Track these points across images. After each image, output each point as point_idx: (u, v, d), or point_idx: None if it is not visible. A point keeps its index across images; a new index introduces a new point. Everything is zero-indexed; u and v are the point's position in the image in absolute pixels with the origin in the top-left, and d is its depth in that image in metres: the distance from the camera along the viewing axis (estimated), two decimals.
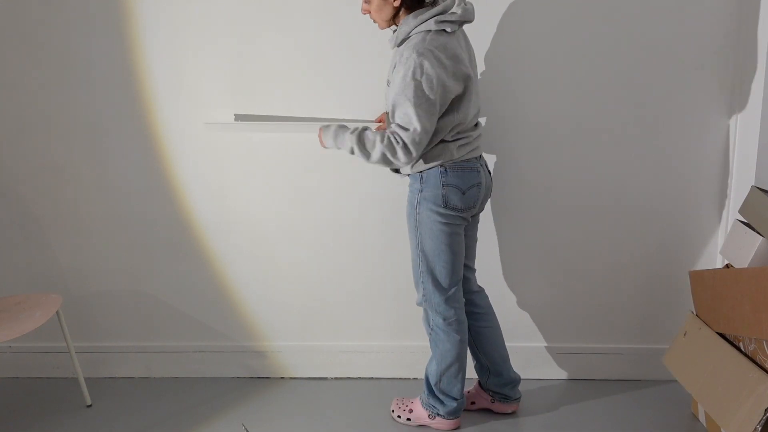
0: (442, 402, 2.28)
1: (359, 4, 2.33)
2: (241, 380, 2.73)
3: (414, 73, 1.91)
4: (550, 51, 2.37)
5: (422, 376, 2.60)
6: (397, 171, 2.18)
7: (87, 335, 2.75)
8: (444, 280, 2.15)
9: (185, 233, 2.62)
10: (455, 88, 1.96)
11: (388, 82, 2.08)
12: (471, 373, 2.41)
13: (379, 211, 2.55)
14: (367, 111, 2.42)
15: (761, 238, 2.00)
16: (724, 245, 2.18)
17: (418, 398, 2.37)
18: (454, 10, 1.98)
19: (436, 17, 1.95)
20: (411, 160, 1.97)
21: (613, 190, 2.48)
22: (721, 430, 2.11)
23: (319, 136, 2.13)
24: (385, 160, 1.98)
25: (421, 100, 1.90)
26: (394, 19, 2.02)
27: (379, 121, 2.38)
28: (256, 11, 2.40)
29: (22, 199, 2.64)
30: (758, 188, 2.13)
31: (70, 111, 2.54)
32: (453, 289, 2.18)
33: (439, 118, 1.98)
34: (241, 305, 2.69)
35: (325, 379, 2.72)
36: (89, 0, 2.42)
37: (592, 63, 2.37)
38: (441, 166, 2.06)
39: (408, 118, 1.92)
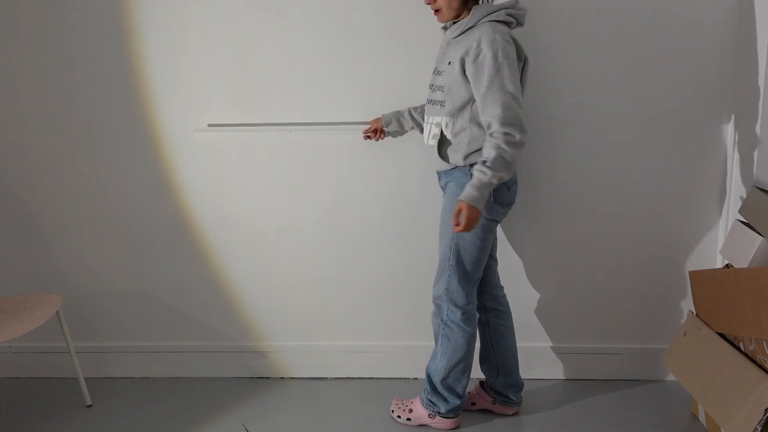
0: (445, 399, 2.27)
1: (359, 4, 2.33)
2: (241, 380, 2.73)
3: (504, 52, 1.90)
4: (550, 53, 2.37)
5: (422, 376, 2.61)
6: (445, 159, 2.12)
7: (87, 335, 2.75)
8: (472, 275, 2.15)
9: (185, 233, 2.62)
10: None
11: (437, 71, 2.08)
12: (473, 373, 2.41)
13: (379, 211, 2.55)
14: (366, 111, 2.42)
15: (761, 238, 2.00)
16: (724, 245, 2.18)
17: (417, 398, 2.37)
18: (521, 6, 2.02)
19: (506, 9, 1.97)
20: (525, 133, 1.92)
21: (613, 190, 2.48)
22: (721, 430, 2.11)
23: (464, 209, 1.93)
24: (515, 153, 1.91)
25: (510, 71, 1.90)
26: (461, 9, 2.01)
27: (373, 130, 2.38)
28: (256, 12, 2.40)
29: (22, 199, 2.64)
30: (758, 188, 2.12)
31: (70, 111, 2.54)
32: (476, 285, 2.20)
33: None
34: (241, 305, 2.69)
35: (325, 379, 2.72)
36: (89, 0, 2.42)
37: (591, 64, 2.37)
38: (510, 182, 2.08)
39: (502, 104, 1.88)
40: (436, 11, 2.03)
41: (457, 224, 1.94)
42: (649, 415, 2.39)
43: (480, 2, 2.02)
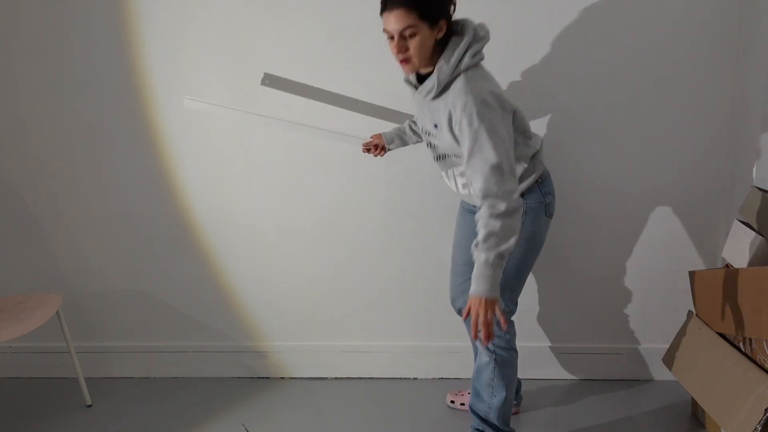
0: None
1: (359, 4, 2.33)
2: (241, 380, 2.73)
3: (479, 116, 1.71)
4: (551, 51, 2.36)
5: (422, 376, 2.62)
6: None
7: (87, 335, 2.75)
8: (518, 292, 2.03)
9: (185, 233, 2.62)
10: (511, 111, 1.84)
11: (426, 131, 1.91)
12: (470, 373, 2.41)
13: (380, 211, 2.55)
14: (366, 110, 2.42)
15: (761, 238, 2.00)
16: (724, 245, 2.18)
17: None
18: (482, 34, 1.82)
19: (469, 51, 1.77)
20: (515, 192, 1.74)
21: (613, 190, 2.48)
22: (721, 430, 2.11)
23: (476, 305, 1.73)
24: (507, 222, 1.72)
25: (489, 135, 1.71)
26: (432, 57, 1.79)
27: (373, 145, 2.31)
28: (256, 12, 2.40)
29: (22, 199, 2.64)
30: (758, 188, 2.12)
31: (70, 111, 2.54)
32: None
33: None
34: (241, 305, 2.69)
35: (325, 379, 2.72)
36: (89, 0, 2.42)
37: (591, 63, 2.37)
38: (540, 176, 1.98)
39: (482, 177, 1.72)
40: (404, 61, 1.78)
41: (477, 329, 1.72)
42: (649, 415, 2.39)
43: (449, 42, 1.80)
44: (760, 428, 1.77)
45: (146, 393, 2.65)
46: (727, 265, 2.17)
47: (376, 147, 2.30)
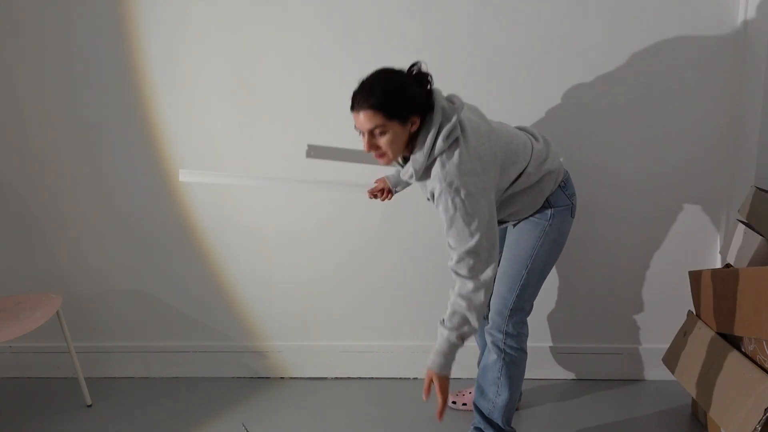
0: None
1: (359, 4, 2.33)
2: (241, 380, 2.73)
3: (453, 204, 1.69)
4: (551, 51, 2.37)
5: (422, 376, 2.61)
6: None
7: (87, 335, 2.75)
8: (536, 295, 2.04)
9: (185, 233, 2.62)
10: (500, 180, 1.80)
11: (428, 198, 1.85)
12: (470, 373, 2.42)
13: (380, 211, 2.55)
14: None
15: (761, 238, 2.00)
16: (724, 245, 2.18)
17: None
18: (450, 112, 1.74)
19: (440, 137, 1.70)
20: (485, 277, 1.73)
21: (613, 190, 2.48)
22: (721, 430, 2.11)
23: (432, 378, 1.76)
24: (470, 300, 1.73)
25: (473, 224, 1.69)
26: (405, 149, 1.77)
27: (379, 190, 2.29)
28: (256, 12, 2.40)
29: (22, 199, 2.64)
30: (758, 188, 2.12)
31: (70, 111, 2.54)
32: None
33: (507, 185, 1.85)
34: (241, 305, 2.69)
35: (325, 379, 2.72)
36: (89, 0, 2.42)
37: (592, 63, 2.37)
38: (562, 180, 1.98)
39: (462, 258, 1.71)
40: (378, 156, 1.76)
41: (429, 392, 1.76)
42: (649, 415, 2.39)
43: (422, 126, 1.75)
44: (760, 428, 1.77)
45: (146, 393, 2.65)
46: (727, 265, 2.17)
47: (382, 191, 2.30)
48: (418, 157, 1.74)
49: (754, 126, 2.25)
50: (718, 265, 2.48)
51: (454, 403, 2.47)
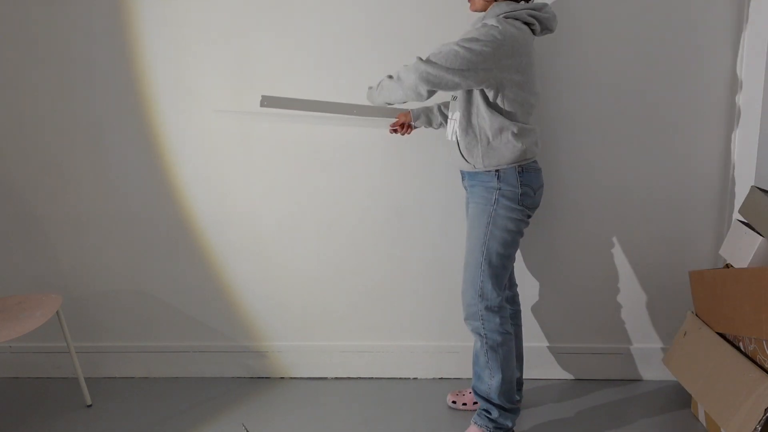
0: (509, 412, 2.18)
1: (359, 4, 2.33)
2: (241, 380, 2.73)
3: (483, 29, 1.90)
4: (551, 51, 2.37)
5: (422, 376, 2.61)
6: (466, 160, 2.08)
7: (87, 335, 2.75)
8: (502, 277, 2.11)
9: (185, 233, 2.62)
10: (518, 61, 1.95)
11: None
12: (470, 373, 2.42)
13: (380, 211, 2.55)
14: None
15: (761, 238, 2.00)
16: (724, 245, 2.18)
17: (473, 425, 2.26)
18: (549, 10, 2.02)
19: (528, 10, 1.96)
20: (418, 86, 1.93)
21: (613, 190, 2.48)
22: (721, 430, 2.11)
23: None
24: (405, 81, 1.95)
25: (478, 45, 1.87)
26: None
27: (400, 124, 2.34)
28: (257, 11, 2.40)
29: (22, 198, 2.64)
30: (758, 188, 2.13)
31: (70, 111, 2.54)
32: (504, 287, 2.14)
33: (512, 93, 1.97)
34: (241, 305, 2.69)
35: (325, 379, 2.72)
36: (89, 0, 2.42)
37: (592, 63, 2.37)
38: (519, 165, 2.03)
39: (444, 54, 1.89)
40: (470, 0, 2.05)
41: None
42: (649, 415, 2.39)
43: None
44: (760, 428, 1.78)
45: (146, 393, 2.65)
46: (727, 265, 2.17)
47: (402, 125, 2.34)
48: (496, 9, 1.98)
49: (754, 126, 2.25)
50: (718, 265, 2.48)
51: (454, 402, 2.47)
